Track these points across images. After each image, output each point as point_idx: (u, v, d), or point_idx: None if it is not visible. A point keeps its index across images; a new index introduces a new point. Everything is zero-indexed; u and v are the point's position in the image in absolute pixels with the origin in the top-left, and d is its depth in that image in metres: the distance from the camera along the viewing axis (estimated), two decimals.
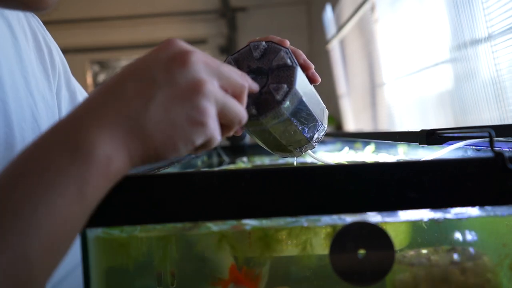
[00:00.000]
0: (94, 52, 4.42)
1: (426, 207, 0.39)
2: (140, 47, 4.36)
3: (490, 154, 0.39)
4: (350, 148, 1.26)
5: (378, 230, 0.40)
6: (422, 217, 0.42)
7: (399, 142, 0.93)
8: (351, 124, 3.02)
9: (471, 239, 0.43)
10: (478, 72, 1.23)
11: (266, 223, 0.42)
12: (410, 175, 0.38)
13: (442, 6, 1.42)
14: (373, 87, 2.40)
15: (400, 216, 0.41)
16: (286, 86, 0.49)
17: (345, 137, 1.50)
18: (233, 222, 0.42)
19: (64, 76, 0.68)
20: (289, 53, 0.51)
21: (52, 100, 0.64)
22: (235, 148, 1.45)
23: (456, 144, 0.58)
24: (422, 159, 0.50)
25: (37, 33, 0.65)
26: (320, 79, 0.56)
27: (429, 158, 0.55)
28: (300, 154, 0.57)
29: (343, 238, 0.40)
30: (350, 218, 0.40)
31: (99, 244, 0.42)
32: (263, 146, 0.58)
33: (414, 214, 0.41)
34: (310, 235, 0.43)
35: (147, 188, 0.38)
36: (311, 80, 0.55)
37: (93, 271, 0.41)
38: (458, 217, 0.41)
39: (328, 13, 3.06)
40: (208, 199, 0.38)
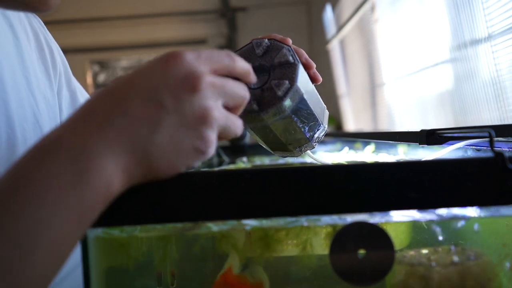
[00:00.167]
0: (94, 52, 4.42)
1: (426, 207, 0.39)
2: (140, 47, 4.36)
3: (490, 154, 0.39)
4: (350, 148, 1.26)
5: (378, 230, 0.40)
6: (422, 217, 0.42)
7: (399, 142, 0.93)
8: (351, 124, 3.02)
9: (471, 239, 0.43)
10: (478, 72, 1.23)
11: (266, 223, 0.42)
12: (410, 175, 0.38)
13: (442, 6, 1.42)
14: (373, 87, 2.40)
15: (394, 217, 0.41)
16: (287, 82, 0.49)
17: (345, 137, 1.50)
18: (233, 222, 0.42)
19: (65, 76, 0.68)
20: (291, 51, 0.51)
21: (54, 100, 0.64)
22: (235, 148, 1.45)
23: (457, 144, 0.58)
24: (423, 159, 0.50)
25: (39, 33, 0.65)
26: (321, 79, 0.56)
27: (430, 158, 0.55)
28: (299, 154, 0.57)
29: (343, 238, 0.40)
30: (350, 218, 0.40)
31: (99, 244, 0.42)
32: (262, 144, 0.58)
33: (414, 214, 0.41)
34: (310, 235, 0.43)
35: (147, 188, 0.38)
36: (313, 79, 0.55)
37: (93, 271, 0.41)
38: (458, 217, 0.41)
39: (328, 13, 3.06)
40: (208, 199, 0.38)
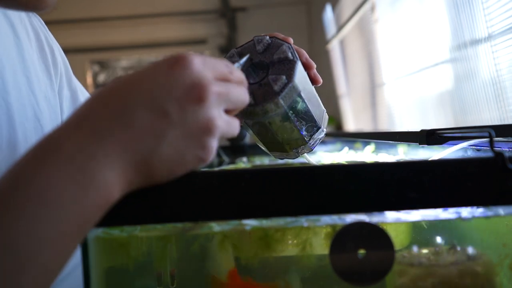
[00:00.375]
0: (94, 52, 4.42)
1: (426, 207, 0.39)
2: (140, 47, 4.36)
3: (490, 154, 0.39)
4: (350, 148, 1.26)
5: (378, 230, 0.40)
6: (422, 217, 0.42)
7: (399, 142, 0.93)
8: (351, 124, 3.02)
9: (471, 239, 0.43)
10: (478, 72, 1.23)
11: (266, 223, 0.42)
12: (410, 175, 0.38)
13: (442, 6, 1.42)
14: (373, 87, 2.40)
15: (394, 217, 0.41)
16: (284, 78, 0.49)
17: (345, 137, 1.50)
18: (234, 222, 0.42)
19: (65, 75, 0.68)
20: (291, 48, 0.51)
21: (54, 99, 0.64)
22: (235, 148, 1.45)
23: (460, 144, 0.58)
24: (429, 159, 0.50)
25: (39, 33, 0.65)
26: (321, 81, 0.56)
27: (433, 159, 0.55)
28: (296, 155, 0.57)
29: (343, 238, 0.40)
30: (350, 218, 0.40)
31: (99, 244, 0.42)
32: (260, 145, 0.58)
33: (414, 214, 0.41)
34: (310, 235, 0.43)
35: (147, 188, 0.38)
36: (313, 80, 0.55)
37: (93, 271, 0.41)
38: (458, 217, 0.41)
39: (328, 13, 3.06)
40: (208, 199, 0.38)
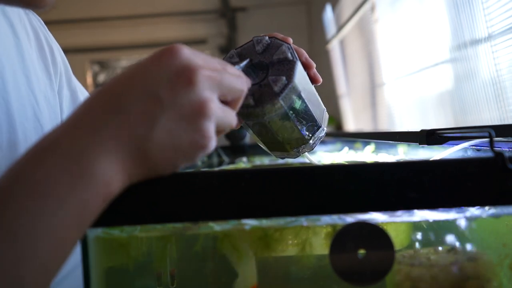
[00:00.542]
0: (94, 52, 4.42)
1: (426, 207, 0.39)
2: (140, 47, 4.36)
3: (490, 154, 0.39)
4: (350, 148, 1.26)
5: (378, 230, 0.40)
6: (422, 217, 0.42)
7: (399, 142, 0.93)
8: (351, 124, 3.02)
9: (471, 239, 0.43)
10: (478, 72, 1.23)
11: (266, 222, 0.42)
12: (410, 175, 0.38)
13: (442, 6, 1.42)
14: (373, 87, 2.40)
15: (394, 217, 0.41)
16: (285, 78, 0.49)
17: (345, 137, 1.50)
18: (233, 222, 0.42)
19: (65, 75, 0.69)
20: (290, 49, 0.51)
21: (54, 99, 0.64)
22: (235, 148, 1.45)
23: (461, 144, 0.58)
24: (429, 159, 0.50)
25: (39, 32, 0.65)
26: (321, 80, 0.56)
27: (433, 159, 0.55)
28: (297, 155, 0.57)
29: (343, 238, 0.40)
30: (350, 218, 0.40)
31: (99, 244, 0.42)
32: (260, 144, 0.58)
33: (414, 214, 0.41)
34: (310, 235, 0.43)
35: (147, 188, 0.38)
36: (313, 80, 0.55)
37: (93, 271, 0.41)
38: (458, 217, 0.41)
39: (328, 13, 3.06)
40: (208, 199, 0.38)
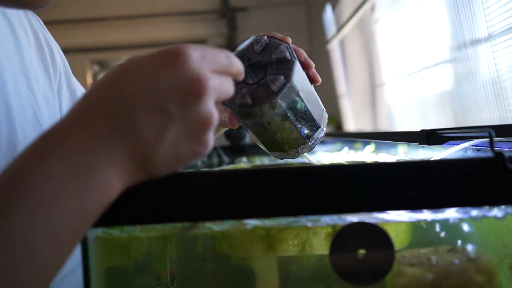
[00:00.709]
0: (94, 52, 4.42)
1: (426, 207, 0.39)
2: (140, 47, 4.35)
3: (490, 154, 0.39)
4: (350, 148, 1.26)
5: (378, 230, 0.40)
6: (422, 217, 0.42)
7: (399, 142, 0.93)
8: (351, 124, 3.02)
9: (471, 239, 0.43)
10: (478, 72, 1.23)
11: (268, 222, 0.42)
12: (410, 175, 0.38)
13: (442, 6, 1.42)
14: (373, 87, 2.40)
15: (394, 217, 0.41)
16: (283, 78, 0.49)
17: (345, 137, 1.50)
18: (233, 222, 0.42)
19: (64, 75, 0.69)
20: (289, 48, 0.51)
21: (54, 99, 0.64)
22: (235, 148, 1.46)
23: (461, 144, 0.58)
24: (431, 159, 0.50)
25: (38, 33, 0.65)
26: (320, 80, 0.56)
27: (435, 159, 0.55)
28: (296, 155, 0.57)
29: (343, 238, 0.40)
30: (350, 218, 0.40)
31: (99, 244, 0.42)
32: (259, 144, 0.57)
33: (414, 214, 0.41)
34: (310, 235, 0.43)
35: (147, 188, 0.38)
36: (312, 80, 0.55)
37: (93, 271, 0.41)
38: (458, 217, 0.41)
39: (328, 13, 3.06)
40: (208, 199, 0.38)
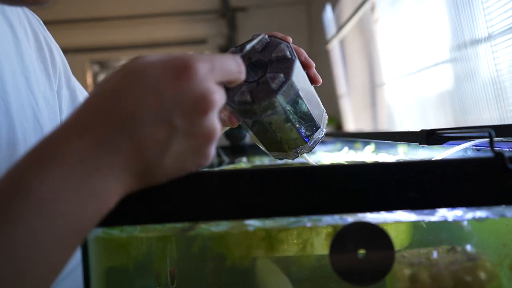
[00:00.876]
0: (94, 52, 4.42)
1: (426, 207, 0.39)
2: (140, 47, 4.36)
3: (490, 154, 0.39)
4: (350, 148, 1.26)
5: (378, 230, 0.40)
6: (422, 217, 0.42)
7: (399, 142, 0.93)
8: (351, 124, 3.02)
9: (471, 239, 0.43)
10: (478, 72, 1.23)
11: (269, 223, 0.42)
12: (410, 175, 0.38)
13: (442, 6, 1.42)
14: (373, 87, 2.40)
15: (394, 217, 0.41)
16: (282, 76, 0.49)
17: (345, 137, 1.50)
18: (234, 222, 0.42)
19: (64, 75, 0.69)
20: (289, 47, 0.51)
21: (53, 99, 0.64)
22: (235, 148, 1.46)
23: (462, 144, 0.58)
24: (429, 159, 0.50)
25: (38, 33, 0.65)
26: (321, 80, 0.56)
27: (435, 159, 0.55)
28: (295, 156, 0.57)
29: (343, 238, 0.40)
30: (351, 218, 0.40)
31: (99, 244, 0.42)
32: (258, 144, 0.57)
33: (414, 214, 0.41)
34: (310, 235, 0.43)
35: (147, 188, 0.38)
36: (312, 80, 0.55)
37: (93, 271, 0.41)
38: (458, 217, 0.41)
39: (328, 13, 3.06)
40: (208, 199, 0.38)
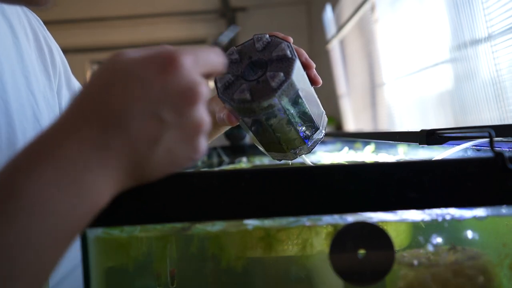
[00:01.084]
0: (94, 52, 4.42)
1: (426, 207, 0.39)
2: (140, 47, 4.35)
3: (490, 154, 0.39)
4: (350, 148, 1.26)
5: (378, 230, 0.40)
6: (423, 217, 0.42)
7: (399, 142, 0.93)
8: (351, 124, 3.02)
9: (471, 239, 0.43)
10: (478, 72, 1.23)
11: (268, 222, 0.42)
12: (410, 175, 0.38)
13: (442, 6, 1.42)
14: (373, 87, 2.40)
15: (394, 217, 0.41)
16: (282, 75, 0.49)
17: (345, 137, 1.50)
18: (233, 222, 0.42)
19: (64, 75, 0.69)
20: (290, 47, 0.51)
21: (53, 99, 0.64)
22: (235, 148, 1.46)
23: (462, 144, 0.58)
24: (429, 159, 0.50)
25: (38, 33, 0.65)
26: (321, 81, 0.56)
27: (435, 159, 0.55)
28: (294, 157, 0.57)
29: (343, 238, 0.40)
30: (351, 218, 0.40)
31: (99, 244, 0.42)
32: (258, 146, 0.57)
33: (414, 214, 0.41)
34: (310, 235, 0.43)
35: (147, 188, 0.38)
36: (313, 81, 0.55)
37: (93, 271, 0.41)
38: (458, 217, 0.41)
39: (328, 13, 3.06)
40: (208, 199, 0.38)
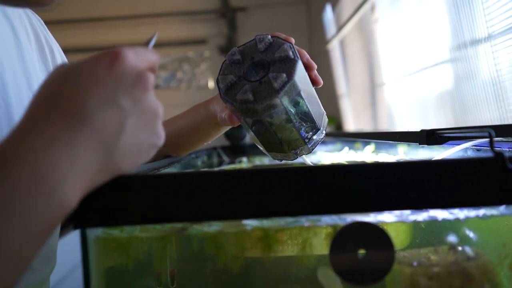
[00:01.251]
0: (94, 52, 4.40)
1: (426, 207, 0.39)
2: None
3: (490, 154, 0.39)
4: (350, 148, 1.26)
5: (378, 230, 0.40)
6: (423, 217, 0.42)
7: (399, 142, 0.93)
8: (351, 124, 3.02)
9: (471, 239, 0.43)
10: (478, 72, 1.23)
11: (267, 223, 0.42)
12: (410, 175, 0.38)
13: (442, 6, 1.42)
14: (373, 87, 2.40)
15: (394, 217, 0.41)
16: (285, 76, 0.49)
17: (345, 137, 1.50)
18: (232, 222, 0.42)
19: None
20: (292, 47, 0.51)
21: None
22: (235, 148, 1.46)
23: (463, 144, 0.58)
24: (429, 159, 0.50)
25: (39, 33, 0.65)
26: (322, 82, 0.56)
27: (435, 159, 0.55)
28: (295, 157, 0.57)
29: (343, 238, 0.40)
30: (350, 218, 0.40)
31: (99, 244, 0.42)
32: (259, 146, 0.57)
33: (414, 214, 0.41)
34: (310, 235, 0.43)
35: (147, 188, 0.38)
36: (314, 82, 0.55)
37: (93, 271, 0.41)
38: (458, 217, 0.41)
39: (328, 13, 3.06)
40: (208, 199, 0.38)
